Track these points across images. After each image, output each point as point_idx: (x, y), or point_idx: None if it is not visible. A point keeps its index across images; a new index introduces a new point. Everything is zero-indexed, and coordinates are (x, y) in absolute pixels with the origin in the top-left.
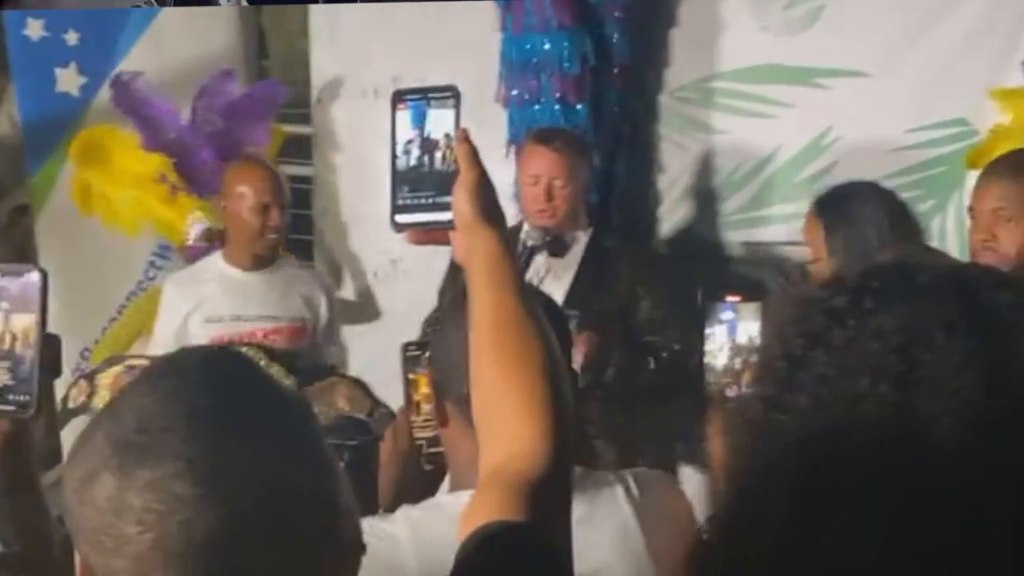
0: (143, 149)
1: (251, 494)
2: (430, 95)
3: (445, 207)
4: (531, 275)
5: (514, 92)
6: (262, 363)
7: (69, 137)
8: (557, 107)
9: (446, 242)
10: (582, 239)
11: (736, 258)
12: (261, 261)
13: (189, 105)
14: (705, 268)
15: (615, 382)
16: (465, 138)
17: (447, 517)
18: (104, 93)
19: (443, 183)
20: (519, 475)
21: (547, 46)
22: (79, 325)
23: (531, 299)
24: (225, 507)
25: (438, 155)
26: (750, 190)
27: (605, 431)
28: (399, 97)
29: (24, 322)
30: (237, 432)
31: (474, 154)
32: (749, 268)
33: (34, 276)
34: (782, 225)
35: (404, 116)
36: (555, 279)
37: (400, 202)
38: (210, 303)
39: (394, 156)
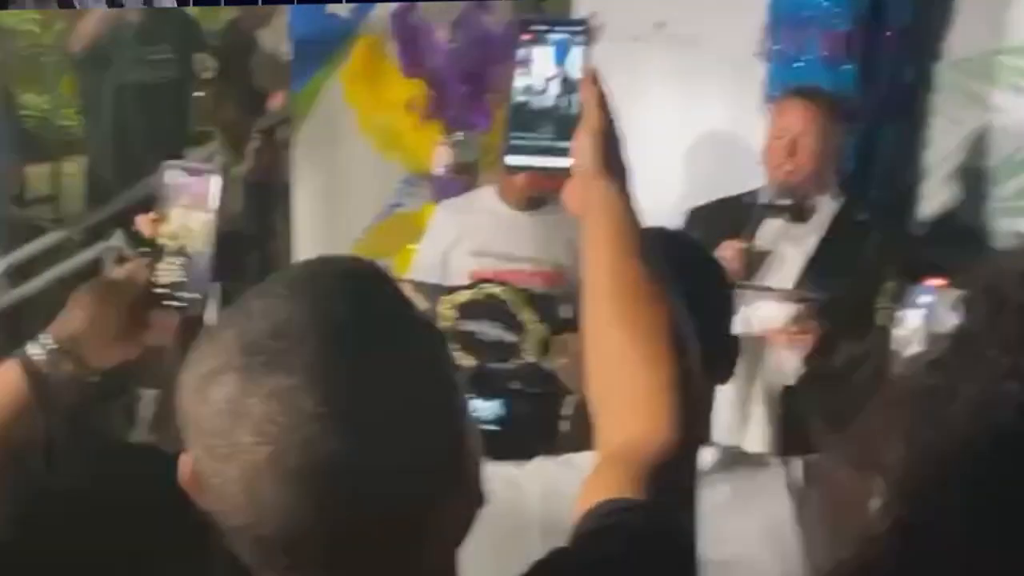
0: (403, 75)
1: (378, 421)
2: (559, 27)
3: (563, 152)
4: (761, 238)
5: (778, 47)
6: (515, 306)
7: (334, 58)
8: (821, 65)
9: (558, 191)
10: (828, 207)
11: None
12: (533, 201)
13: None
14: (966, 257)
15: (846, 370)
16: (594, 79)
17: (581, 475)
18: (371, 17)
19: (564, 126)
20: (643, 454)
21: (819, 0)
22: (323, 243)
23: (656, 263)
24: (350, 430)
25: (562, 95)
26: None
27: (830, 422)
28: (524, 26)
29: (201, 220)
30: (372, 353)
31: (602, 97)
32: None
33: (214, 175)
34: None
35: (527, 47)
36: (793, 245)
37: (514, 142)
38: (477, 236)
39: (512, 91)
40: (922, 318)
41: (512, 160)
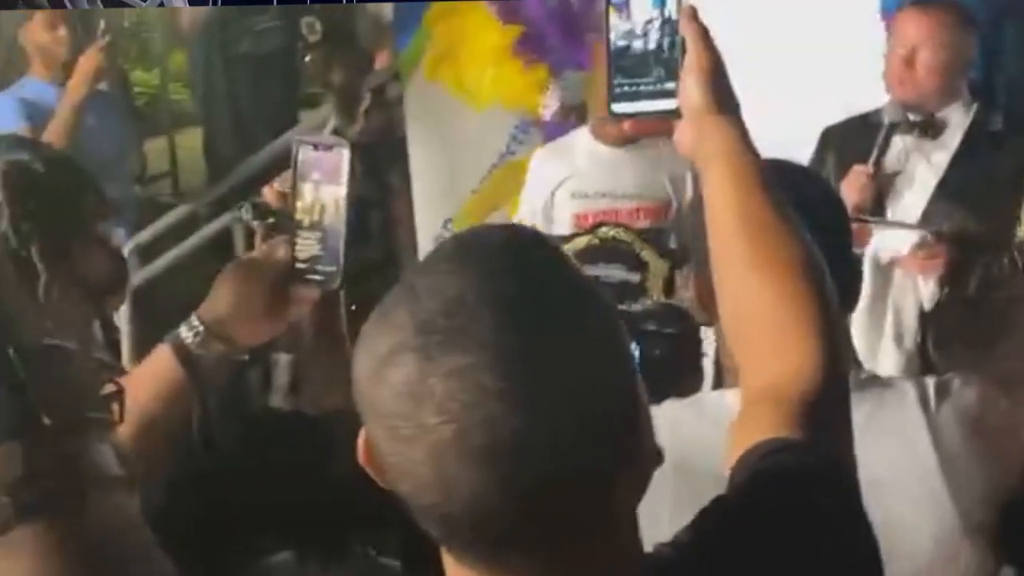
0: (500, 21)
1: (559, 395)
2: None
3: (669, 94)
4: (892, 157)
5: None
6: (635, 245)
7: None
8: None
9: (669, 133)
10: (960, 120)
11: None
12: (629, 138)
13: None
14: None
15: (979, 294)
16: (693, 15)
17: (709, 417)
18: None
19: (668, 68)
20: (792, 392)
21: None
22: (442, 196)
23: (780, 194)
24: (531, 406)
25: (663, 36)
26: None
27: (969, 345)
28: None
29: (334, 194)
30: (546, 324)
31: (705, 34)
32: None
33: (344, 149)
34: None
35: None
36: (926, 162)
37: (618, 89)
38: (578, 177)
39: (609, 36)
40: None
41: (619, 108)
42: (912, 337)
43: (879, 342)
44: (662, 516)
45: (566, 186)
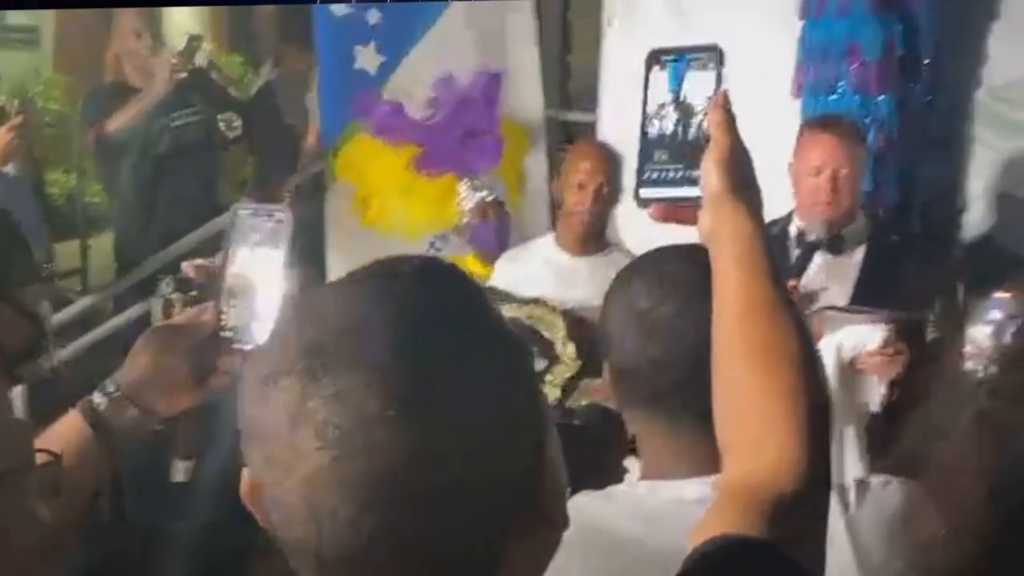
0: (390, 146)
1: (451, 427)
2: (689, 56)
3: (694, 182)
4: (809, 275)
5: (810, 80)
6: (556, 336)
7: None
8: (856, 97)
9: (693, 222)
10: (863, 237)
11: None
12: (589, 247)
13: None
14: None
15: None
16: (722, 103)
17: (621, 508)
18: (398, 75)
19: (696, 155)
20: (767, 488)
21: (848, 30)
22: None
23: (785, 287)
24: (419, 436)
25: (694, 122)
26: None
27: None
28: (655, 57)
29: (272, 258)
30: (445, 355)
31: (730, 121)
32: None
33: (286, 214)
34: None
35: (659, 78)
36: (836, 279)
37: (647, 175)
38: (533, 283)
39: (644, 123)
40: (991, 334)
41: (646, 193)
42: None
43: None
44: None
45: (520, 290)
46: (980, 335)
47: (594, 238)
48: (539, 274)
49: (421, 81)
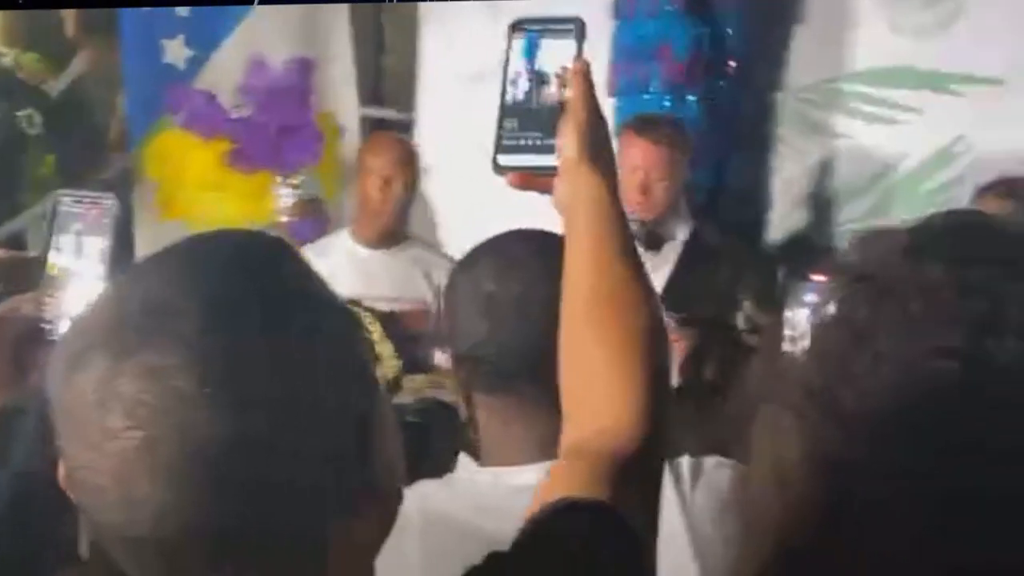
0: (202, 139)
1: (268, 407)
2: (550, 25)
3: (552, 150)
4: None
5: (623, 80)
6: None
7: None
8: (667, 96)
9: (550, 190)
10: (681, 234)
11: None
12: (386, 239)
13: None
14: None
15: (715, 382)
16: (582, 71)
17: (461, 495)
18: (208, 69)
19: (554, 123)
20: (605, 452)
21: (658, 31)
22: None
23: (637, 257)
24: (233, 414)
25: (550, 91)
26: (871, 198)
27: (704, 432)
28: (517, 26)
29: (97, 246)
30: (264, 329)
31: (588, 89)
32: None
33: (110, 200)
34: None
35: (518, 46)
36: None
37: (505, 142)
38: (336, 278)
39: (504, 90)
40: (808, 316)
41: (504, 160)
42: None
43: None
44: None
45: None
46: (798, 318)
47: (391, 231)
48: (340, 268)
49: (232, 75)
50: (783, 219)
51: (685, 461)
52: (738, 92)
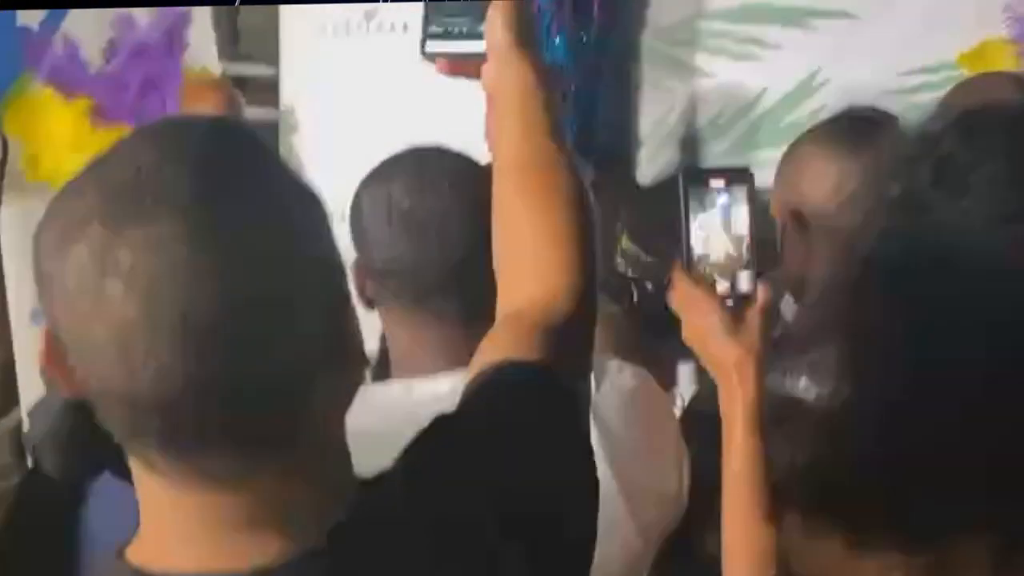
0: (64, 98)
1: (258, 271)
2: None
3: (480, 36)
4: None
5: None
6: None
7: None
8: None
9: (477, 76)
10: None
11: None
12: None
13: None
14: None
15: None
16: None
17: (376, 407)
18: (68, 24)
19: (480, 11)
20: (534, 316)
21: None
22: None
23: (562, 140)
24: (232, 280)
25: None
26: (735, 134)
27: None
28: None
29: None
30: (250, 199)
31: None
32: None
33: None
34: (768, 170)
35: None
36: None
37: (432, 29)
38: None
39: None
40: (720, 217)
41: (432, 47)
42: None
43: None
44: None
45: None
46: (706, 221)
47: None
48: None
49: (94, 28)
50: (652, 159)
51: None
52: (603, 34)
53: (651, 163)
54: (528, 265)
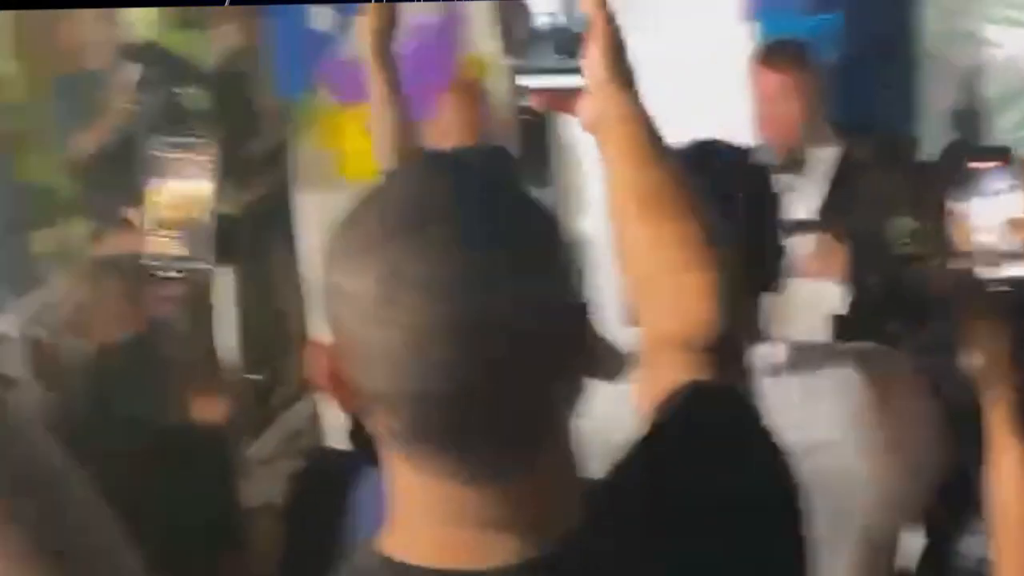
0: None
1: (530, 283)
2: None
3: (576, 71)
4: None
5: (765, 2)
6: None
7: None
8: (806, 17)
9: (573, 110)
10: (825, 156)
11: None
12: None
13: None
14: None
15: (882, 291)
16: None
17: None
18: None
19: (576, 45)
20: (693, 340)
21: None
22: None
23: (677, 163)
24: (505, 288)
25: (573, 13)
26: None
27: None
28: None
29: (202, 189)
30: (516, 223)
31: (606, 9)
32: None
33: (211, 146)
34: None
35: None
36: (800, 197)
37: (528, 63)
38: None
39: (530, 16)
40: (995, 206)
41: (527, 81)
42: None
43: None
44: None
45: None
46: (985, 208)
47: None
48: None
49: None
50: (933, 133)
51: (868, 347)
52: (884, 6)
53: (931, 137)
54: (670, 302)
